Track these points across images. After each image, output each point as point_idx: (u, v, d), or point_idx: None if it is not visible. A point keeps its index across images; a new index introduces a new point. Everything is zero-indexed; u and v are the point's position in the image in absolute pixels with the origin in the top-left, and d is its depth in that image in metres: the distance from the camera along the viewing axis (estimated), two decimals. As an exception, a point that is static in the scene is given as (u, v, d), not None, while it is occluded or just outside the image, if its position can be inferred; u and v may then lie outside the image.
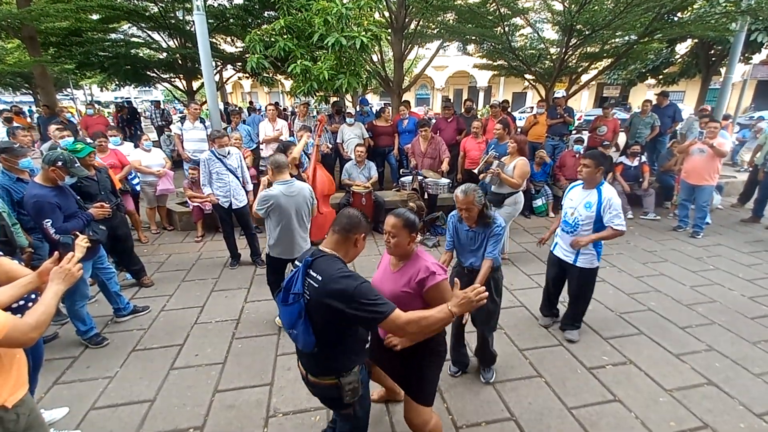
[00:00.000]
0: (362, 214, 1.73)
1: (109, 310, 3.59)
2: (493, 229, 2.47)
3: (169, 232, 5.83)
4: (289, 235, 3.17)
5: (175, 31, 10.21)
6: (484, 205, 2.44)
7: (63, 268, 1.58)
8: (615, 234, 2.90)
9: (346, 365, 1.66)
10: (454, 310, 1.54)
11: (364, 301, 1.47)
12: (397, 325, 1.51)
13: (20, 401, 1.49)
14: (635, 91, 19.03)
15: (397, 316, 1.50)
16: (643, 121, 7.16)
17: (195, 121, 6.02)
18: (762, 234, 5.67)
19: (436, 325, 1.59)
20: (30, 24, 8.32)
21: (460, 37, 9.11)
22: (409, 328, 1.53)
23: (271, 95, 29.37)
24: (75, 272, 1.60)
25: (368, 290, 1.50)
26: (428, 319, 1.54)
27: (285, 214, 3.11)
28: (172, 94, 12.85)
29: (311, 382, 1.72)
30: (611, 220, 2.87)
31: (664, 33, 7.38)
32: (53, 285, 1.55)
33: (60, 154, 2.79)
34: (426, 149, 5.66)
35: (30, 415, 1.53)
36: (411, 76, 10.78)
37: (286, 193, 3.10)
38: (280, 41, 5.26)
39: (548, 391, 2.72)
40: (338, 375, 1.65)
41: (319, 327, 1.56)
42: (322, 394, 1.76)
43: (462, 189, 2.43)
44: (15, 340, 1.35)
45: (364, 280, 1.55)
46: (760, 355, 3.06)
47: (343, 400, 1.67)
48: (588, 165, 2.93)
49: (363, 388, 1.74)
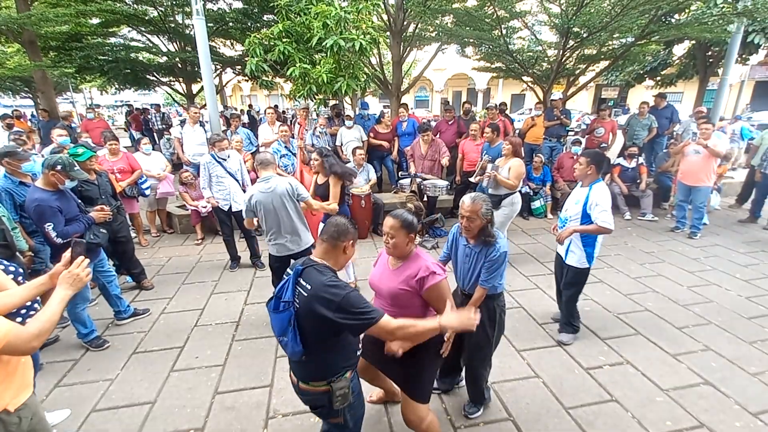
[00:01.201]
0: (350, 221, 1.75)
1: (109, 313, 3.61)
2: (491, 252, 2.18)
3: (169, 235, 5.85)
4: (278, 231, 3.18)
5: (174, 35, 10.27)
6: (488, 221, 2.18)
7: (71, 273, 1.55)
8: (600, 229, 2.89)
9: (336, 371, 1.67)
10: (443, 324, 1.62)
11: (352, 310, 1.51)
12: (387, 330, 1.56)
13: (23, 405, 1.50)
14: (633, 92, 19.13)
15: (386, 322, 1.54)
16: (641, 122, 7.20)
17: (195, 124, 6.06)
18: (759, 234, 5.70)
19: (425, 336, 1.67)
20: (30, 28, 8.37)
21: (458, 40, 9.16)
22: (398, 334, 1.59)
23: (271, 98, 29.47)
24: (83, 277, 1.57)
25: (357, 298, 1.54)
26: (417, 327, 1.60)
27: (268, 210, 3.12)
28: (171, 97, 12.90)
29: (302, 389, 1.73)
30: (597, 217, 2.87)
31: (660, 35, 7.43)
32: (60, 290, 1.53)
33: (59, 158, 2.82)
34: (426, 152, 5.70)
35: (33, 419, 1.54)
36: (410, 79, 10.84)
37: (263, 190, 3.11)
38: (279, 45, 5.31)
39: (546, 391, 2.74)
40: (329, 381, 1.66)
41: (308, 335, 1.58)
42: (313, 402, 1.76)
43: (471, 196, 2.22)
44: (16, 348, 1.34)
45: (352, 289, 1.58)
46: (757, 355, 3.09)
47: (333, 406, 1.67)
48: (581, 163, 2.99)
49: (354, 396, 1.74)
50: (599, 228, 2.89)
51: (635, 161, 6.44)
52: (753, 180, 6.39)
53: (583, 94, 21.74)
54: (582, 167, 2.98)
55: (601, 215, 2.86)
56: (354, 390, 1.75)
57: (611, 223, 2.87)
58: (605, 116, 7.21)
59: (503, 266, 2.23)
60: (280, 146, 5.28)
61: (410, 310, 1.87)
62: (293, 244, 3.22)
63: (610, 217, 2.88)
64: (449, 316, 1.65)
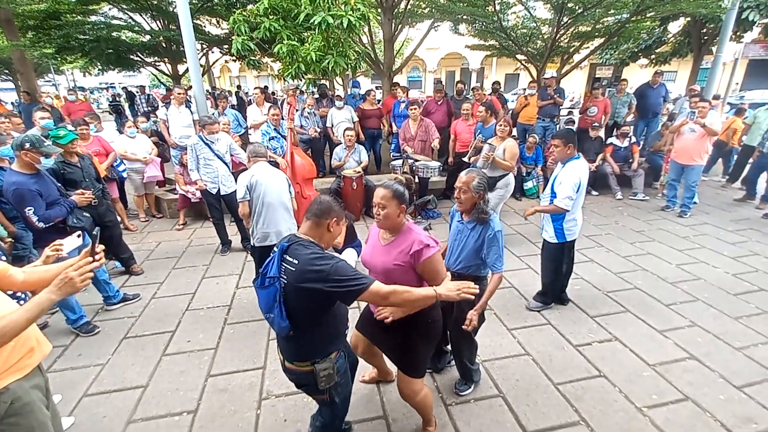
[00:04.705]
0: (334, 200, 1.72)
1: (99, 299, 3.57)
2: (486, 231, 2.19)
3: (158, 220, 5.77)
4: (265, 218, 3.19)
5: (157, 13, 9.87)
6: (480, 197, 2.19)
7: (65, 276, 1.37)
8: (556, 209, 3.03)
9: (321, 351, 1.69)
10: (440, 292, 1.61)
11: (341, 278, 1.50)
12: (380, 295, 1.56)
13: (4, 389, 1.44)
14: (628, 71, 18.96)
15: (378, 287, 1.54)
16: (620, 100, 7.19)
17: (180, 105, 5.89)
18: (748, 213, 5.76)
19: (419, 302, 1.67)
20: (6, 7, 7.99)
21: (451, 17, 8.94)
22: (392, 299, 1.58)
23: (260, 79, 28.78)
24: (77, 283, 1.37)
25: (344, 267, 1.53)
26: (412, 293, 1.60)
27: (263, 194, 3.15)
28: (157, 78, 12.54)
29: (288, 368, 1.75)
30: (558, 195, 3.00)
31: (656, 11, 7.31)
32: (46, 293, 1.36)
33: (25, 137, 2.71)
34: (416, 132, 5.62)
35: (14, 404, 1.48)
36: (402, 58, 10.61)
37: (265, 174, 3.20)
38: (265, 22, 5.11)
39: (535, 368, 2.78)
40: (313, 361, 1.67)
41: (295, 311, 1.57)
42: (298, 380, 1.79)
43: (467, 170, 2.26)
44: None
45: (339, 259, 1.57)
46: (741, 330, 3.15)
47: (318, 386, 1.70)
48: (557, 145, 3.04)
49: (340, 375, 1.76)
50: (556, 208, 3.01)
51: (628, 140, 6.42)
52: (744, 158, 6.42)
53: (578, 73, 21.54)
54: (560, 149, 3.04)
55: (561, 194, 2.98)
56: (340, 370, 1.76)
57: (568, 204, 2.97)
58: (598, 95, 7.14)
59: (502, 246, 2.23)
60: (269, 128, 5.17)
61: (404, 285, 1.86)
62: (277, 236, 3.18)
63: (569, 196, 2.95)
64: (448, 284, 1.65)
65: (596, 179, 6.47)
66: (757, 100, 13.64)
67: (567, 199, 2.97)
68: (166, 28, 9.89)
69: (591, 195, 6.51)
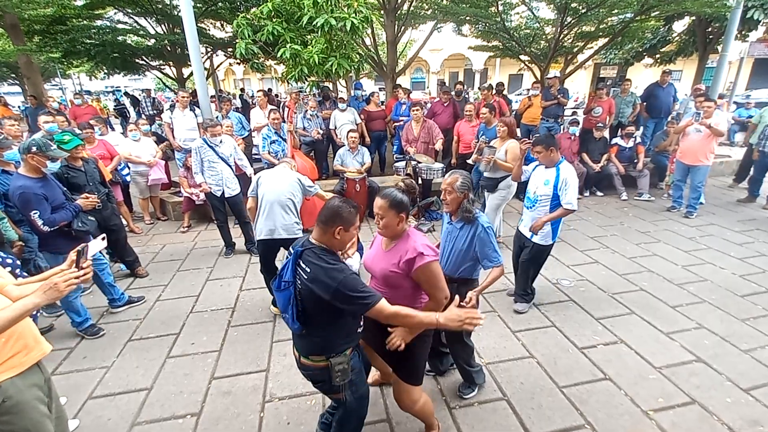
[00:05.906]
0: (345, 207, 1.66)
1: (104, 302, 3.59)
2: (475, 229, 2.23)
3: (162, 223, 5.80)
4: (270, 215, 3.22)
5: (162, 17, 9.95)
6: (465, 196, 2.23)
7: (49, 281, 1.41)
8: (566, 213, 3.04)
9: (336, 347, 1.71)
10: (441, 321, 1.60)
11: (349, 294, 1.53)
12: (383, 314, 1.59)
13: None
14: (632, 71, 18.83)
15: (381, 308, 1.57)
16: (624, 100, 7.14)
17: (185, 109, 5.92)
18: (755, 213, 5.70)
19: (420, 327, 1.71)
20: (12, 12, 8.10)
21: (454, 18, 8.94)
22: (393, 321, 1.62)
23: (264, 82, 28.93)
24: (61, 288, 1.42)
25: (354, 282, 1.55)
26: (413, 318, 1.61)
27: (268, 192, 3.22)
28: (162, 82, 12.62)
29: (303, 364, 1.77)
30: (565, 197, 2.99)
31: (660, 10, 7.27)
32: (32, 296, 1.40)
33: (32, 140, 2.73)
34: (419, 133, 5.62)
35: (5, 402, 1.46)
36: (405, 59, 10.62)
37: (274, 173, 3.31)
38: (268, 25, 5.15)
39: (540, 371, 2.76)
40: (328, 356, 1.70)
41: (310, 313, 1.63)
42: (314, 377, 1.80)
43: (450, 173, 2.32)
44: None
45: (351, 272, 1.59)
46: (748, 332, 3.12)
47: (333, 381, 1.71)
48: (539, 151, 3.06)
49: (355, 374, 1.77)
50: (566, 211, 3.03)
51: (633, 141, 6.38)
52: (751, 159, 6.35)
53: (582, 73, 21.45)
54: (544, 155, 3.05)
55: (569, 196, 2.98)
56: (354, 367, 1.77)
57: (575, 204, 3.02)
58: (602, 95, 7.10)
59: (494, 241, 2.25)
60: (270, 132, 5.19)
61: (401, 291, 1.86)
62: (270, 232, 3.20)
63: (575, 197, 3.01)
64: (451, 314, 1.59)
65: (601, 180, 6.43)
66: (764, 99, 13.50)
67: (575, 200, 3.01)
68: (171, 32, 9.95)
69: (596, 196, 6.48)
